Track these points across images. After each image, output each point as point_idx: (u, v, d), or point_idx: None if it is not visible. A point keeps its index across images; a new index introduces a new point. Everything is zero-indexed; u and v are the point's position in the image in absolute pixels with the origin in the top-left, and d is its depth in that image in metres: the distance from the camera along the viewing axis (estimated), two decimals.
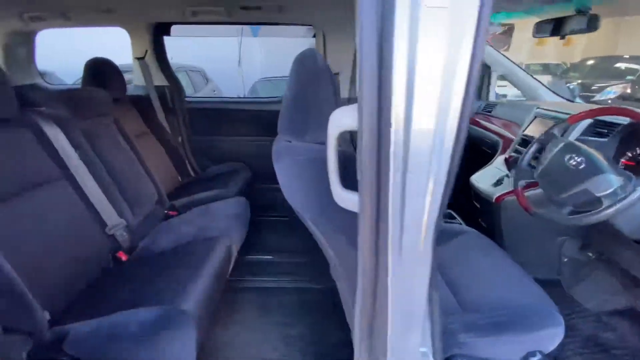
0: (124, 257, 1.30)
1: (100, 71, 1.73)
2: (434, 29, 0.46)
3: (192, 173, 2.28)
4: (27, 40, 2.19)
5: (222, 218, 1.48)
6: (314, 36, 2.08)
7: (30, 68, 2.27)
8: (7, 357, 0.86)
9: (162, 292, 1.02)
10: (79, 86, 1.88)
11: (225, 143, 2.32)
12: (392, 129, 0.49)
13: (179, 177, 2.14)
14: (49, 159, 1.14)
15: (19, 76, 2.18)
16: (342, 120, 0.58)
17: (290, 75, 0.81)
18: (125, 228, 1.32)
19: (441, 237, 1.29)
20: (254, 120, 2.27)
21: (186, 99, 2.27)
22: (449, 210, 1.79)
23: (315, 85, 0.75)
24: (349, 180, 0.64)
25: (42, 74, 2.43)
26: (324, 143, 0.82)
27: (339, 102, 0.81)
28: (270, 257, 1.85)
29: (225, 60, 7.25)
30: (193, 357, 0.92)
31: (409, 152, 0.50)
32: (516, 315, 0.90)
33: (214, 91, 6.23)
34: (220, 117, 2.29)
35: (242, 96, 6.17)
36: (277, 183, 2.53)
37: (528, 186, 1.24)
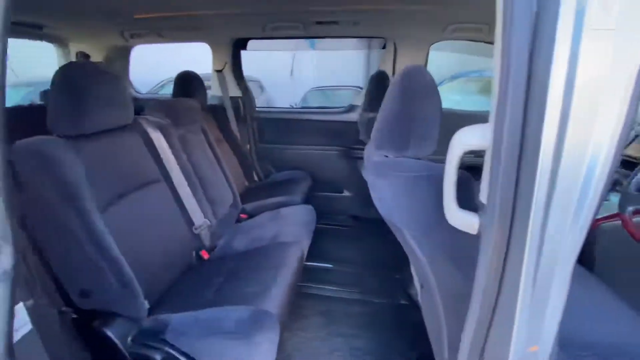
0: (205, 256, 1.39)
1: (188, 82, 1.90)
2: (597, 51, 0.44)
3: (256, 178, 2.39)
4: (124, 55, 2.50)
5: (293, 224, 1.53)
6: (381, 48, 2.10)
7: (126, 79, 2.58)
8: (120, 339, 0.96)
9: (248, 293, 1.07)
10: (164, 95, 2.09)
11: (287, 151, 2.41)
12: (541, 151, 0.47)
13: (246, 182, 2.26)
14: (153, 162, 1.27)
15: None
16: (468, 139, 0.57)
17: (392, 90, 0.82)
18: (208, 228, 1.42)
19: None
20: (315, 130, 2.33)
21: (256, 109, 2.40)
22: None
23: (422, 101, 0.75)
24: (462, 201, 0.62)
25: None
26: (422, 159, 0.82)
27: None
28: (330, 265, 1.87)
29: (278, 71, 7.57)
30: (273, 358, 0.95)
31: (557, 177, 0.48)
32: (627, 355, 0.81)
33: (268, 100, 6.53)
34: (283, 126, 2.39)
35: (293, 105, 6.40)
36: (336, 191, 2.54)
37: (637, 212, 1.11)
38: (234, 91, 2.30)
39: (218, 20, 1.94)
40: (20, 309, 0.58)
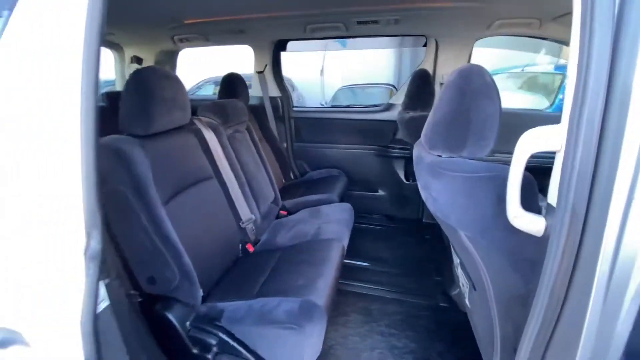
0: (251, 249, 1.46)
1: (232, 84, 1.99)
2: None
3: (292, 176, 2.46)
4: (172, 58, 2.66)
5: (334, 222, 1.57)
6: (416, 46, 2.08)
7: None
8: (179, 323, 1.04)
9: (296, 285, 1.12)
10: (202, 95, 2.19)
11: (322, 149, 2.45)
12: (621, 155, 0.47)
13: (283, 179, 2.33)
14: (206, 160, 1.35)
15: None
16: (538, 140, 0.57)
17: (448, 89, 0.81)
18: (253, 223, 1.49)
19: None
20: (351, 128, 2.35)
21: (294, 108, 2.46)
22: None
23: (482, 102, 0.75)
24: (524, 202, 0.62)
25: None
26: (480, 159, 0.81)
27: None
28: (367, 264, 1.88)
29: (309, 70, 7.64)
30: (319, 349, 0.99)
31: (637, 183, 0.47)
32: None
33: (299, 99, 6.63)
34: (319, 125, 2.43)
35: (324, 103, 6.44)
36: (370, 190, 2.54)
37: None
38: (273, 91, 2.37)
39: (260, 23, 2.01)
40: (101, 285, 0.66)
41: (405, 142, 2.05)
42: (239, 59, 2.66)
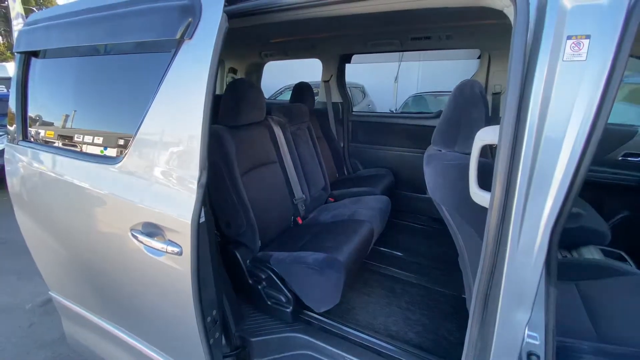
0: (300, 221, 1.85)
1: (302, 90, 2.43)
2: (569, 79, 0.63)
3: (345, 172, 2.79)
4: (258, 69, 3.26)
5: (369, 208, 1.85)
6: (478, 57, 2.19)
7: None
8: (243, 260, 1.47)
9: (326, 246, 1.45)
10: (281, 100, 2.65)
11: (375, 151, 2.72)
12: (524, 145, 0.69)
13: (337, 174, 2.68)
14: (273, 149, 1.79)
15: None
16: (485, 136, 0.80)
17: (450, 99, 1.05)
18: (304, 202, 1.87)
19: (597, 272, 1.22)
20: (404, 133, 2.56)
21: (352, 112, 2.80)
22: (620, 252, 1.55)
23: (470, 108, 0.97)
24: (484, 183, 0.83)
25: None
26: (468, 154, 1.03)
27: (490, 121, 1.00)
28: (401, 254, 2.09)
29: (383, 78, 7.87)
30: (339, 294, 1.29)
31: (535, 164, 0.68)
32: None
33: (369, 105, 6.90)
34: (375, 128, 2.71)
35: (394, 110, 6.60)
36: (417, 192, 2.74)
37: None
38: (336, 97, 2.75)
39: (328, 41, 2.41)
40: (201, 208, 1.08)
41: None
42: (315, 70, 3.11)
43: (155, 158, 1.01)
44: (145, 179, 1.03)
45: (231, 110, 1.51)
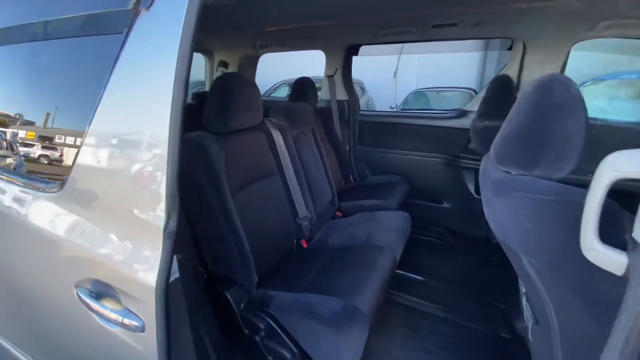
0: (305, 245, 1.54)
1: (303, 87, 2.10)
2: None
3: (352, 179, 2.48)
4: (253, 63, 2.91)
5: (388, 229, 1.55)
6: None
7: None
8: (235, 303, 1.15)
9: (342, 287, 1.14)
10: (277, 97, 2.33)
11: (385, 154, 2.41)
12: None
13: (342, 182, 2.37)
14: (272, 158, 1.46)
15: None
16: (626, 166, 0.49)
17: (525, 100, 0.75)
18: (309, 220, 1.56)
19: None
20: (418, 134, 2.26)
21: (359, 111, 2.48)
22: None
23: (564, 117, 0.67)
24: (605, 234, 0.53)
25: None
26: (554, 180, 0.73)
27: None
28: (422, 278, 1.80)
29: (381, 72, 7.54)
30: (360, 354, 0.99)
31: None
32: None
33: (368, 102, 6.58)
34: (384, 129, 2.39)
35: (392, 107, 6.29)
36: (435, 201, 2.41)
37: None
38: (341, 95, 2.42)
39: (333, 30, 2.08)
40: (173, 260, 0.77)
41: (478, 153, 1.90)
42: (315, 62, 2.77)
43: (104, 185, 0.70)
44: (91, 215, 0.71)
45: (220, 113, 1.18)
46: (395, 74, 7.43)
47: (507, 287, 1.64)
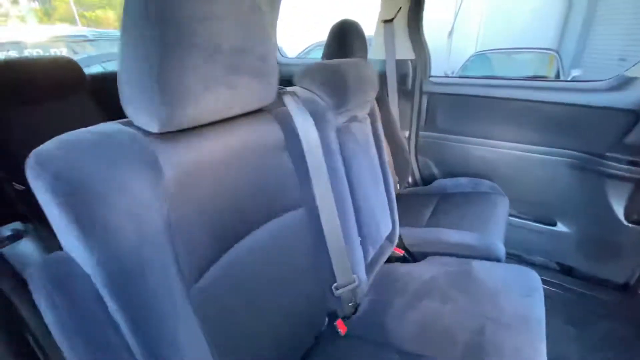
0: (342, 329, 0.84)
1: (345, 33, 1.30)
2: None
3: (410, 180, 1.71)
4: None
5: (513, 316, 0.80)
6: None
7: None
8: None
9: None
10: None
11: (465, 146, 1.60)
12: None
13: (397, 186, 1.61)
14: (294, 174, 0.73)
15: None
16: None
17: None
18: (355, 287, 0.84)
19: None
20: (525, 117, 1.42)
21: (430, 79, 1.64)
22: None
23: None
24: None
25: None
26: None
27: None
28: None
29: (433, 31, 6.31)
30: None
31: None
32: None
33: None
34: (466, 106, 1.55)
35: (449, 74, 5.15)
36: (545, 222, 0.94)
37: None
38: (405, 52, 1.58)
39: None
40: None
41: None
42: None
43: None
44: None
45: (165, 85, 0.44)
46: (451, 33, 6.13)
47: None
